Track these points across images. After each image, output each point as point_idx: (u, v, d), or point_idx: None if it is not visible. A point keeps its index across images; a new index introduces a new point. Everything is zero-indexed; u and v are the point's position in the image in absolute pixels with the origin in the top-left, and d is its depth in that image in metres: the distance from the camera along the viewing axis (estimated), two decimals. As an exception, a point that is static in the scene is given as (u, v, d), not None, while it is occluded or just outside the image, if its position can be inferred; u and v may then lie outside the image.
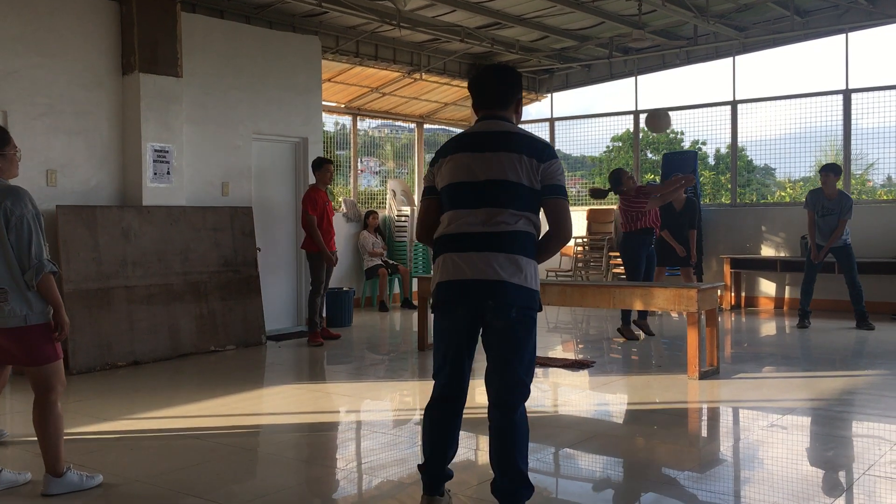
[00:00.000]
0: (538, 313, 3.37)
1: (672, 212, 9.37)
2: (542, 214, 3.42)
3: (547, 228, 3.41)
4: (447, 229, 3.35)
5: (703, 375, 6.46)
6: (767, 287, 11.26)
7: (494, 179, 3.26)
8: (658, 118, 8.13)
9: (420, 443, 3.65)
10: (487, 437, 3.46)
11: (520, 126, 3.49)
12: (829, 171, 9.02)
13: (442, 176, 3.40)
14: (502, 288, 3.22)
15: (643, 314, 8.62)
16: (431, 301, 3.46)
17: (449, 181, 3.36)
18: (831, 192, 8.97)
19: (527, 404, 3.55)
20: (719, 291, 7.16)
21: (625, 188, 8.51)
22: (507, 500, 3.38)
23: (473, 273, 3.23)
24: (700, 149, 13.49)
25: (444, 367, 3.46)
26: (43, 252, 3.80)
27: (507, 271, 3.22)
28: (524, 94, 13.33)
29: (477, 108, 3.49)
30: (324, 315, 8.82)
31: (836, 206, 8.92)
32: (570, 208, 3.56)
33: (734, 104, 11.71)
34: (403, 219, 12.06)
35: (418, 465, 3.62)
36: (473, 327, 3.37)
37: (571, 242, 12.75)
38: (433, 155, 3.56)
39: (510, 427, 3.34)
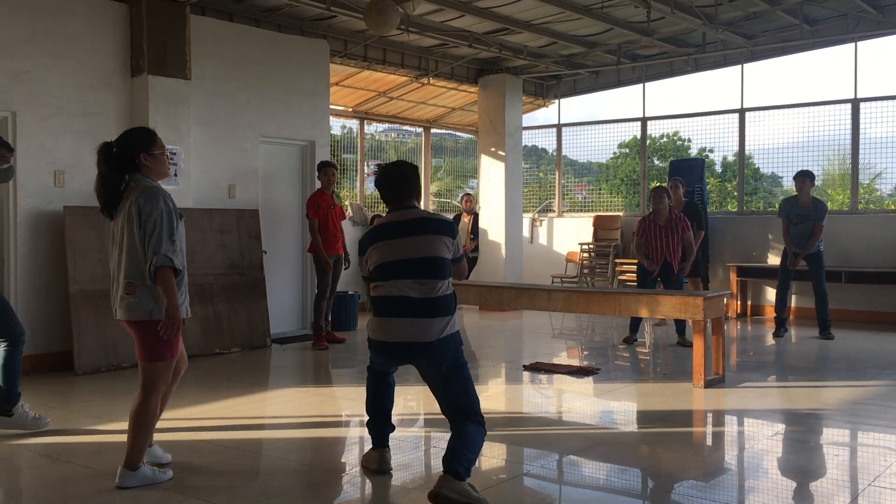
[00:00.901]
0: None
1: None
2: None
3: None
4: (388, 291, 3.93)
5: (709, 384, 6.43)
6: (774, 295, 11.19)
7: (429, 256, 3.93)
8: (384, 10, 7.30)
9: (366, 404, 4.37)
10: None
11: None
12: (806, 178, 8.96)
13: (375, 259, 4.00)
14: (432, 347, 3.86)
15: (681, 328, 8.49)
16: (369, 345, 4.10)
17: (384, 260, 3.96)
18: (806, 200, 8.93)
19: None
20: (725, 300, 7.14)
21: (652, 208, 8.42)
22: (451, 455, 3.74)
23: (410, 336, 3.87)
24: (707, 156, 13.45)
25: (385, 369, 4.32)
26: (162, 247, 3.90)
27: (438, 331, 3.86)
28: (531, 99, 13.47)
29: (388, 202, 4.16)
30: (329, 319, 8.83)
31: (811, 213, 8.87)
32: (577, 214, 3.91)
33: (742, 112, 11.70)
34: (409, 223, 12.02)
35: (366, 423, 4.33)
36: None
37: (577, 248, 12.75)
38: (361, 241, 4.19)
39: (470, 432, 3.85)
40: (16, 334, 5.02)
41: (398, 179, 4.14)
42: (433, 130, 14.13)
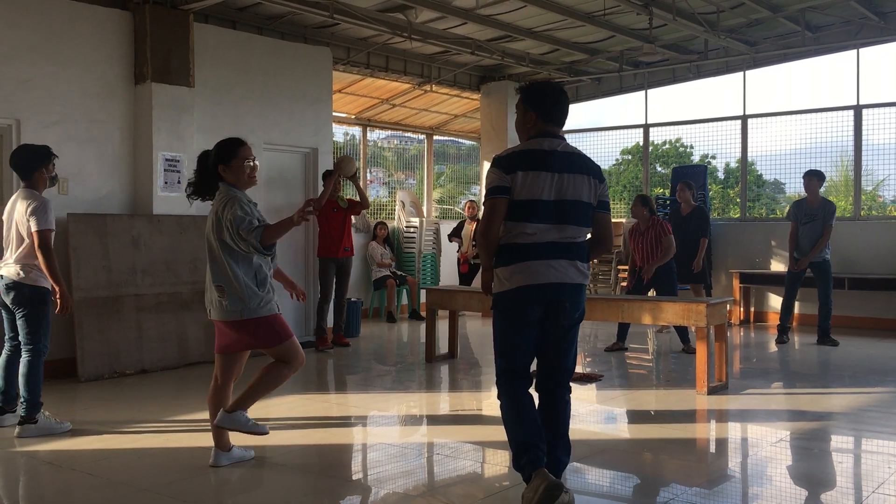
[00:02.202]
0: None
1: (679, 216, 9.30)
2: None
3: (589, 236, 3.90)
4: (529, 238, 3.67)
5: (712, 390, 6.42)
6: (777, 302, 11.17)
7: (573, 200, 3.69)
8: (344, 165, 8.73)
9: (508, 433, 3.80)
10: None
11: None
12: (813, 176, 8.87)
13: (522, 188, 3.65)
14: (578, 291, 3.76)
15: (684, 336, 8.49)
16: (505, 300, 3.76)
17: (532, 196, 3.65)
18: (814, 199, 8.86)
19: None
20: (728, 306, 7.13)
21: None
22: (558, 465, 3.75)
23: (557, 277, 3.68)
24: (709, 163, 13.47)
25: (524, 352, 3.85)
26: (244, 222, 4.19)
27: (580, 277, 3.75)
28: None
29: (541, 122, 3.76)
30: (329, 325, 8.91)
31: (819, 212, 8.79)
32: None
33: (744, 118, 11.70)
34: (412, 230, 12.06)
35: (516, 452, 3.68)
36: (538, 326, 3.81)
37: (580, 255, 12.71)
38: (502, 158, 3.73)
39: (564, 404, 3.86)
40: (40, 347, 5.22)
41: (565, 102, 3.82)
42: (436, 137, 14.15)
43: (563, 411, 3.83)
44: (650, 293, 8.47)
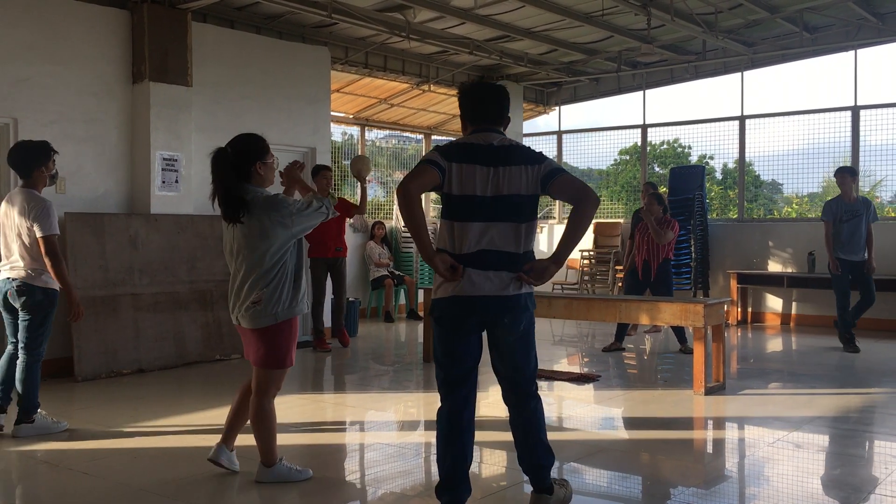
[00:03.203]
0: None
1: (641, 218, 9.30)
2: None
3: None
4: (459, 247, 3.43)
5: (709, 391, 6.43)
6: (774, 303, 11.22)
7: (510, 194, 3.42)
8: (360, 162, 8.54)
9: (437, 453, 3.62)
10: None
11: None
12: (846, 173, 8.62)
13: (457, 181, 3.43)
14: (517, 302, 3.47)
15: (681, 336, 8.46)
16: (439, 308, 3.51)
17: (462, 192, 3.42)
18: (850, 195, 8.60)
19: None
20: (726, 307, 7.13)
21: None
22: (540, 470, 3.65)
23: (492, 289, 3.42)
24: (707, 163, 13.47)
25: (462, 360, 3.59)
26: (311, 205, 4.08)
27: (516, 285, 3.46)
28: (532, 106, 13.48)
29: (471, 122, 3.60)
30: (343, 321, 8.92)
31: (860, 208, 8.53)
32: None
33: (742, 119, 11.71)
34: (410, 230, 12.04)
35: (437, 486, 3.56)
36: (481, 332, 3.58)
37: (577, 255, 12.71)
38: (443, 146, 3.56)
39: (532, 412, 3.65)
40: (40, 351, 5.17)
41: (494, 96, 3.59)
42: (434, 137, 14.15)
43: (532, 420, 3.63)
44: (645, 294, 8.47)
